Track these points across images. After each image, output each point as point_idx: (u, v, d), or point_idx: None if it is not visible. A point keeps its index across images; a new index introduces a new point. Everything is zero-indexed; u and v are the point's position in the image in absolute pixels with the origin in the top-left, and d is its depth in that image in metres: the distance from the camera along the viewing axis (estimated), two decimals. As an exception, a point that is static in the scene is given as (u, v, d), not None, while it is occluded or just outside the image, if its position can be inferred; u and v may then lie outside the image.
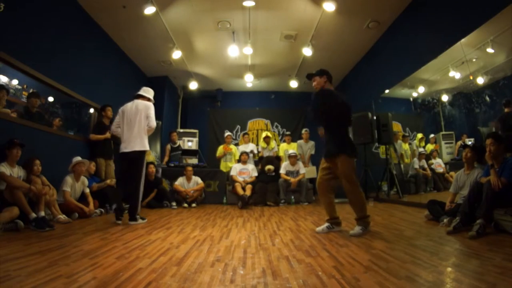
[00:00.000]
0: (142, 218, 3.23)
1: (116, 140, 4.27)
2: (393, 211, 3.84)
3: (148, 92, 3.53)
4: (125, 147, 3.25)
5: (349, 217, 3.43)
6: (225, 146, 6.34)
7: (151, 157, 6.00)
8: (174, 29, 5.28)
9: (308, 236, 2.41)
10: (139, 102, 3.39)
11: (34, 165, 3.12)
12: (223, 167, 6.17)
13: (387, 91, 5.31)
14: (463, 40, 3.51)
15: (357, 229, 2.43)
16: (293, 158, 5.49)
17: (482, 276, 1.37)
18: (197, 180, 5.24)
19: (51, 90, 4.03)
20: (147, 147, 3.30)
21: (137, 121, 3.28)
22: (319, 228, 2.63)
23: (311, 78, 2.71)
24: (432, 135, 5.01)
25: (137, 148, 3.23)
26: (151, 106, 3.39)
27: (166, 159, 6.13)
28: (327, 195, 2.67)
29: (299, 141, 6.42)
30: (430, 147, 5.03)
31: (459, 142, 4.45)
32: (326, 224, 2.62)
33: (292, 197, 5.26)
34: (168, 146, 6.25)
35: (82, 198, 3.71)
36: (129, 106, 3.38)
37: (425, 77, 4.62)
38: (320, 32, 5.33)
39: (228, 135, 6.59)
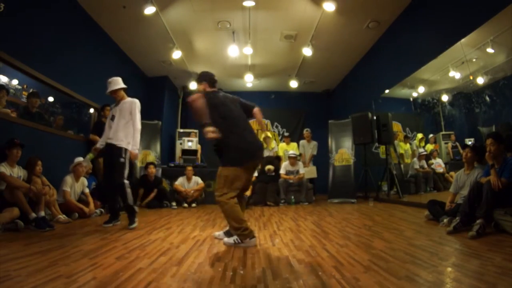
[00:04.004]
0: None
1: None
2: (393, 211, 3.84)
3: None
4: None
5: (349, 217, 3.44)
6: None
7: (151, 157, 6.00)
8: (174, 29, 5.27)
9: (308, 236, 2.41)
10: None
11: (37, 165, 3.12)
12: (223, 167, 6.17)
13: (387, 91, 5.31)
14: (463, 40, 3.50)
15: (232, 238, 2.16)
16: (293, 159, 5.49)
17: (482, 276, 1.37)
18: (197, 180, 5.24)
19: (51, 90, 4.03)
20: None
21: None
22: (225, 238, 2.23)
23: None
24: (431, 135, 5.01)
25: None
26: None
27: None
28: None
29: (301, 141, 6.42)
30: (430, 147, 5.02)
31: (450, 143, 4.44)
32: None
33: (292, 197, 5.25)
34: None
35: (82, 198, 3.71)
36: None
37: (425, 77, 4.61)
38: (320, 32, 5.33)
39: (228, 135, 6.60)
